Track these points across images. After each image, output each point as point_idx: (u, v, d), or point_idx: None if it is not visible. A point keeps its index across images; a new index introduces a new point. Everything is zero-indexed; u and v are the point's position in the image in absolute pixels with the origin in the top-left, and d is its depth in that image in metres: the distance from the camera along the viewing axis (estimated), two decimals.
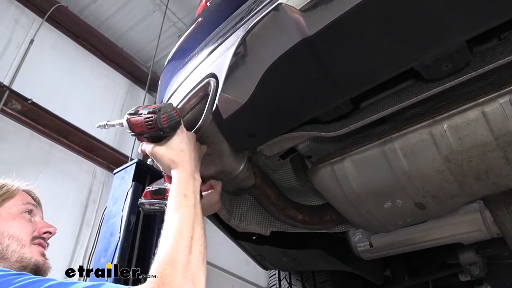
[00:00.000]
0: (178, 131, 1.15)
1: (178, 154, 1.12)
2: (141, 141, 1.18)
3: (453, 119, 1.16)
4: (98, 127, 1.31)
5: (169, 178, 1.17)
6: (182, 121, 1.16)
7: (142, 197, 1.22)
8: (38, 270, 1.12)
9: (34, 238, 1.16)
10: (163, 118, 1.08)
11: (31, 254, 1.12)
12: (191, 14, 6.48)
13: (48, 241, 1.22)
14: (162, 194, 1.19)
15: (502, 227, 1.45)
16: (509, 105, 1.09)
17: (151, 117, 1.08)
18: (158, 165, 1.16)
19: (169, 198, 1.04)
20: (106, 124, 1.27)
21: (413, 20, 0.93)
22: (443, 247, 1.72)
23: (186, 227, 0.97)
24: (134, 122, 1.10)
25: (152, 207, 1.19)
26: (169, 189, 1.15)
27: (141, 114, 1.10)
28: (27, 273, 0.94)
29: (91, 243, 4.52)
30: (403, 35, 0.96)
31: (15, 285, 0.84)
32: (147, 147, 1.16)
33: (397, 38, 0.97)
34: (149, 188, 1.21)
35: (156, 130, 1.09)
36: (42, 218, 1.26)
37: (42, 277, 0.92)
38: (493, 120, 1.11)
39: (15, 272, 0.93)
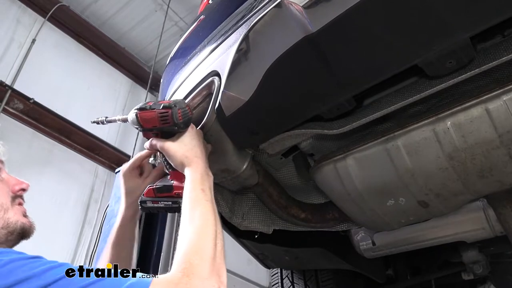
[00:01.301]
0: (189, 127, 1.15)
1: (191, 149, 1.11)
2: (148, 137, 1.17)
3: (457, 117, 1.15)
4: (93, 122, 1.28)
5: (177, 176, 1.16)
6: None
7: (144, 195, 1.21)
8: (25, 232, 1.05)
9: (12, 199, 1.08)
10: (179, 113, 1.07)
11: (16, 217, 1.04)
12: (193, 13, 6.47)
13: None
14: (168, 191, 1.18)
15: (505, 226, 1.44)
16: None
17: (167, 112, 1.07)
18: (170, 160, 1.14)
19: (185, 193, 1.03)
20: (105, 119, 1.25)
21: (416, 17, 0.92)
22: (446, 245, 1.72)
23: (210, 221, 0.96)
24: (145, 117, 1.09)
25: (155, 205, 1.18)
26: (176, 186, 1.14)
27: (154, 109, 1.08)
28: (41, 256, 0.85)
29: (93, 242, 4.52)
30: (406, 32, 0.96)
31: (36, 270, 0.77)
32: (158, 142, 1.14)
33: (400, 35, 0.96)
34: (153, 186, 1.20)
35: (170, 125, 1.09)
36: (7, 172, 1.15)
37: (59, 262, 0.86)
38: (496, 117, 1.11)
39: (29, 255, 0.84)
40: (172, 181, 1.18)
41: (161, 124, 1.09)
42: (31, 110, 5.19)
